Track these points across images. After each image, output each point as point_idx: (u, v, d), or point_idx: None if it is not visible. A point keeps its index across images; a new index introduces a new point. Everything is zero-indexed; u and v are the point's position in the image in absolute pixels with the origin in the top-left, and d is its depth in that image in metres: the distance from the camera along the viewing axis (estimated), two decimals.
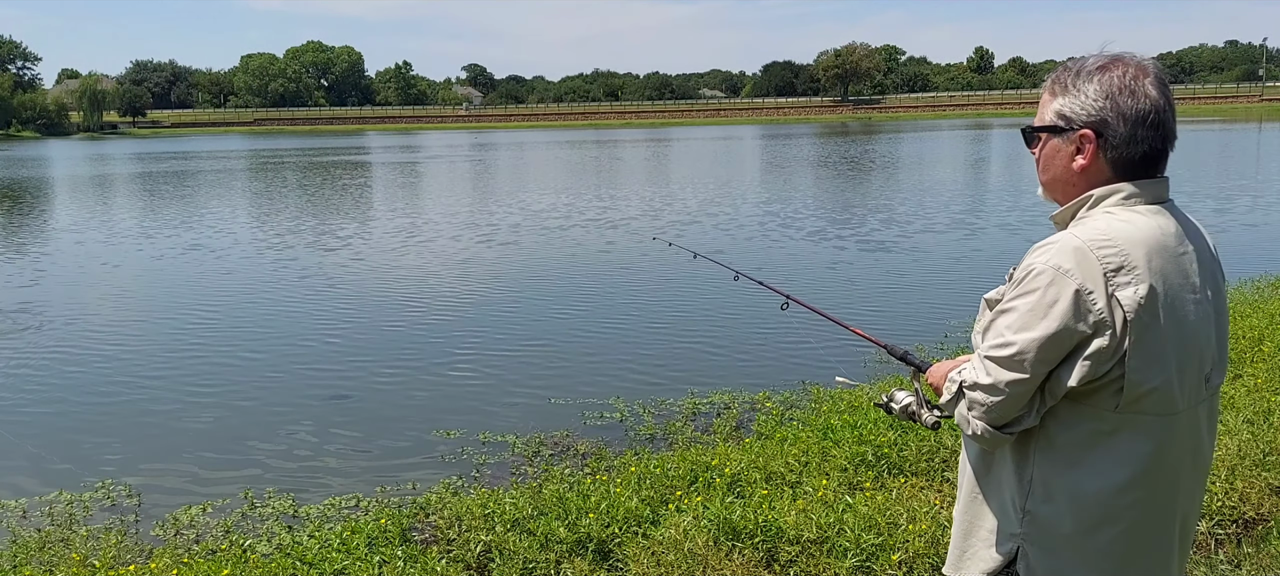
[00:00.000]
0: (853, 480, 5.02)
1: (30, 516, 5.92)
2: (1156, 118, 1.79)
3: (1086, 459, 1.80)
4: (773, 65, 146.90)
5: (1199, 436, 1.86)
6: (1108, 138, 1.80)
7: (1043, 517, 1.85)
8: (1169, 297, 1.74)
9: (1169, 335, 1.74)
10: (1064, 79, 1.87)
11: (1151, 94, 1.79)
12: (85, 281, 14.56)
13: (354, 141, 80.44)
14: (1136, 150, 1.80)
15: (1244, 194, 22.84)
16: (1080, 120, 1.83)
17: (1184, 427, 1.81)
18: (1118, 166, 1.82)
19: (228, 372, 9.23)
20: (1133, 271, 1.72)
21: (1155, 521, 1.84)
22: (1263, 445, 5.04)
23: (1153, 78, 1.80)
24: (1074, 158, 1.85)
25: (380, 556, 4.36)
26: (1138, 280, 1.71)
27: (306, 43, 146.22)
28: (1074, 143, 1.85)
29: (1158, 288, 1.73)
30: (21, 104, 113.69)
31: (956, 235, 17.41)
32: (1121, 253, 1.73)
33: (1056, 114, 1.87)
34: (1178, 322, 1.76)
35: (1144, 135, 1.79)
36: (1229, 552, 4.30)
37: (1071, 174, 1.86)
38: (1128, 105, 1.78)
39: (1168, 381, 1.75)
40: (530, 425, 7.33)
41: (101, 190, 33.55)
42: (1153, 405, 1.76)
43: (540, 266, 15.13)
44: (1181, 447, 1.82)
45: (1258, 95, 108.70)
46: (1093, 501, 1.80)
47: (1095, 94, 1.81)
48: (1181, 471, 1.84)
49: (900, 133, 71.22)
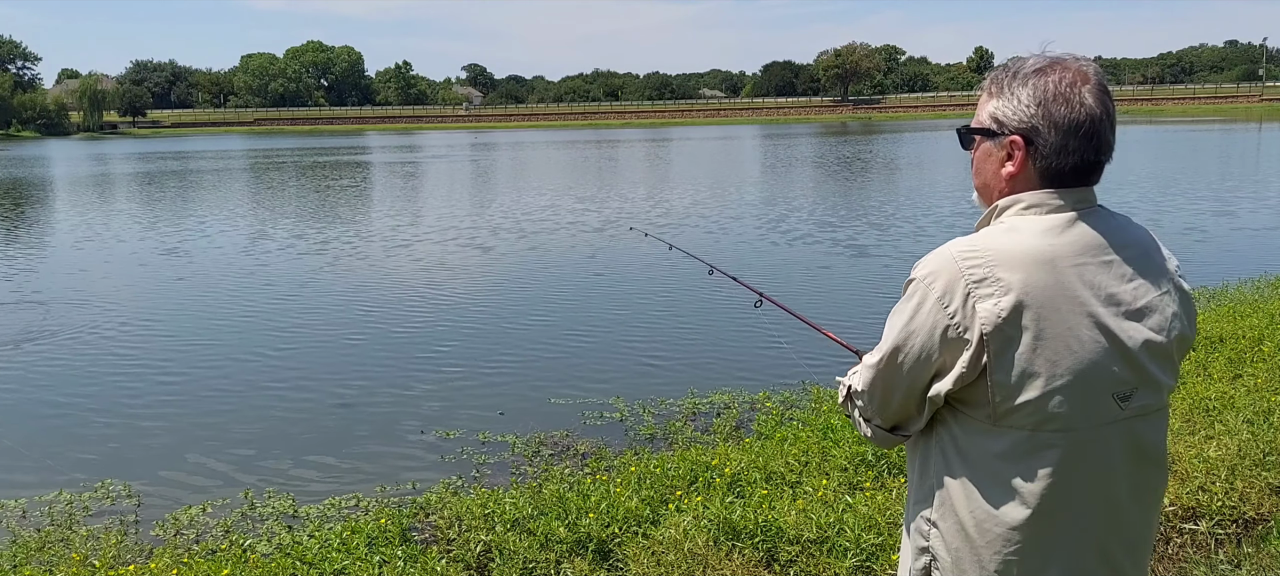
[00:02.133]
0: (853, 480, 5.02)
1: (30, 516, 5.92)
2: (1091, 128, 1.69)
3: (976, 473, 1.73)
4: (773, 65, 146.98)
5: (1110, 459, 1.72)
6: (1037, 146, 1.72)
7: (944, 531, 1.79)
8: (1044, 312, 1.65)
9: (1044, 350, 1.65)
10: (1001, 80, 1.78)
11: (1088, 103, 1.69)
12: (84, 281, 14.55)
13: (354, 141, 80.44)
14: (1067, 161, 1.70)
15: (1243, 194, 22.83)
16: (1011, 125, 1.74)
17: (1087, 449, 1.70)
18: (1046, 176, 1.73)
19: (228, 372, 9.23)
20: (996, 283, 1.64)
21: (1061, 542, 1.73)
22: (1263, 445, 5.04)
23: (1092, 85, 1.70)
24: (1004, 164, 1.77)
25: (380, 556, 4.36)
26: (1000, 292, 1.64)
27: (306, 43, 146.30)
28: (1005, 148, 1.77)
29: (1026, 301, 1.64)
30: (21, 104, 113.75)
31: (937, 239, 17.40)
32: (988, 264, 1.66)
33: (990, 116, 1.79)
34: (1058, 338, 1.65)
35: (1076, 146, 1.69)
36: (1229, 552, 4.29)
37: (1000, 180, 1.78)
38: (1061, 114, 1.69)
39: (1044, 397, 1.65)
40: (530, 425, 7.33)
41: (101, 190, 33.54)
42: (1030, 420, 1.67)
43: (540, 266, 15.12)
44: (1085, 470, 1.71)
45: (1258, 95, 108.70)
46: (986, 517, 1.72)
47: (1028, 99, 1.72)
48: (1090, 494, 1.72)
49: (900, 133, 71.24)
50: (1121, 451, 1.73)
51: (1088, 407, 1.68)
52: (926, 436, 1.83)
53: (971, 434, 1.73)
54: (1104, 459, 1.71)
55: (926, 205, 22.36)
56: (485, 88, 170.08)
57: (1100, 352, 1.67)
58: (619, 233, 18.51)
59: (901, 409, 1.82)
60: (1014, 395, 1.66)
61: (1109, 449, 1.72)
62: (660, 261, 14.94)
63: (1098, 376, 1.67)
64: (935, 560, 1.81)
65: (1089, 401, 1.68)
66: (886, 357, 1.78)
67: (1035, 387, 1.65)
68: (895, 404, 1.81)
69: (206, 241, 18.53)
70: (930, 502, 1.81)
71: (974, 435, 1.72)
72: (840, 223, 19.33)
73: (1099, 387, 1.68)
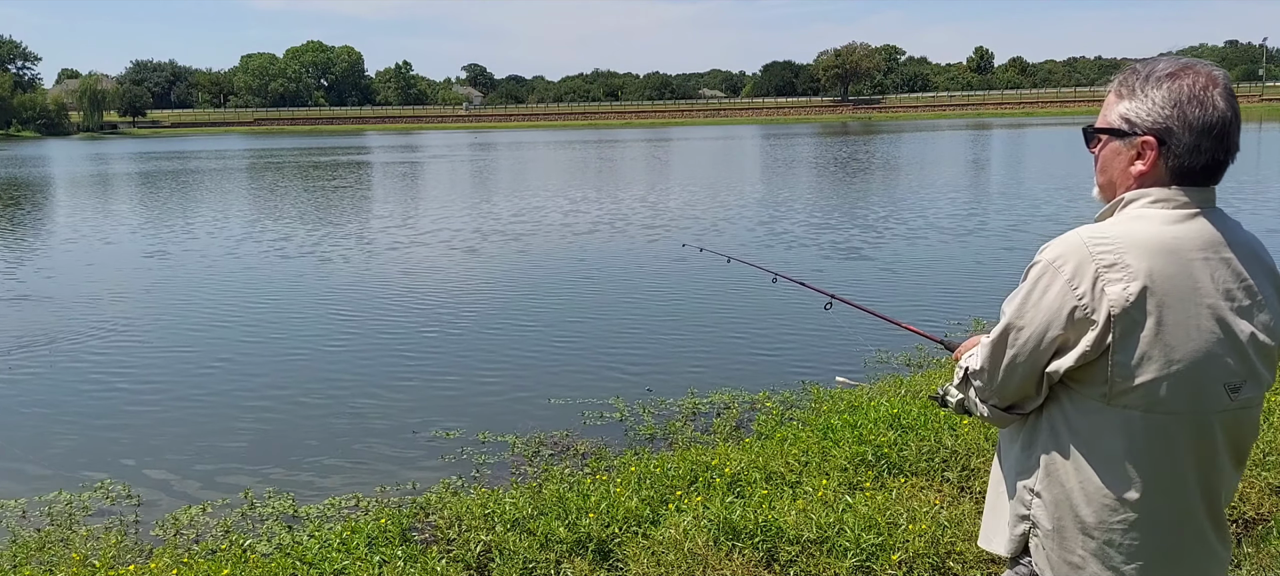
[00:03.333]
0: (853, 480, 5.02)
1: (30, 516, 5.92)
2: (1222, 129, 1.79)
3: (1086, 448, 1.84)
4: (773, 65, 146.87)
5: (1216, 444, 1.83)
6: (1171, 146, 1.80)
7: (1048, 502, 1.90)
8: (1167, 299, 1.74)
9: (1164, 335, 1.75)
10: (1132, 82, 1.86)
11: (1219, 105, 1.78)
12: (83, 281, 14.54)
13: (354, 141, 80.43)
14: (1198, 160, 1.80)
15: (1244, 195, 22.80)
16: (1144, 126, 1.82)
17: (1196, 433, 1.80)
18: (1177, 175, 1.82)
19: (227, 372, 9.23)
20: (1125, 269, 1.74)
21: (1163, 518, 1.83)
22: (1263, 445, 5.04)
23: (1222, 89, 1.79)
24: (1134, 162, 1.85)
25: (380, 556, 4.36)
26: (1129, 277, 1.73)
27: (306, 43, 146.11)
28: (1135, 148, 1.84)
29: (1151, 287, 1.74)
30: (21, 104, 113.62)
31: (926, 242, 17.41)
32: (1116, 250, 1.75)
33: (1121, 117, 1.86)
34: (1179, 326, 1.75)
35: (1208, 146, 1.78)
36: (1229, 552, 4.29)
37: (1128, 178, 1.86)
38: (1195, 115, 1.77)
39: (1160, 380, 1.76)
40: (530, 425, 7.33)
41: (101, 190, 33.56)
42: (1144, 401, 1.77)
43: (540, 266, 15.12)
44: (1193, 453, 1.81)
45: (1258, 95, 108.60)
46: (1095, 491, 1.83)
47: (1163, 101, 1.80)
48: (1195, 476, 1.83)
49: (900, 133, 71.22)
50: (1225, 439, 1.84)
51: (1200, 394, 1.79)
52: (1036, 413, 1.92)
53: (1085, 412, 1.83)
54: (1210, 444, 1.83)
55: (920, 205, 22.36)
56: (485, 88, 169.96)
57: (1216, 343, 1.78)
58: (619, 232, 18.51)
59: (1021, 388, 1.90)
60: (1132, 376, 1.76)
61: (1215, 435, 1.82)
62: (660, 261, 14.95)
63: (1212, 366, 1.78)
64: (1036, 526, 1.92)
65: (1202, 388, 1.78)
66: (1010, 336, 1.86)
67: (1152, 370, 1.76)
68: (1016, 382, 1.89)
69: (206, 241, 18.52)
70: (1033, 474, 1.92)
71: (1087, 413, 1.83)
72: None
73: (1213, 376, 1.78)
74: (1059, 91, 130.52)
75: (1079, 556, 1.87)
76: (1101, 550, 1.85)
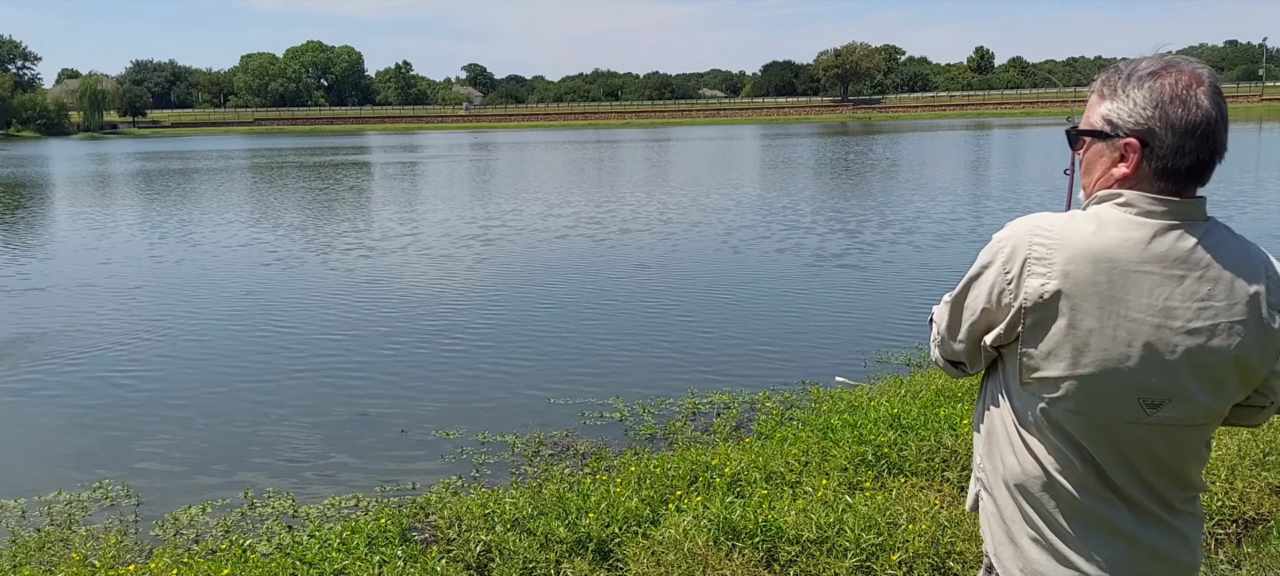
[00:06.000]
0: (853, 480, 5.02)
1: (30, 516, 5.92)
2: (1207, 129, 1.72)
3: (1010, 417, 1.90)
4: (773, 65, 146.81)
5: (1120, 451, 1.80)
6: (1154, 148, 1.75)
7: (986, 462, 1.99)
8: (1083, 305, 1.72)
9: (1074, 338, 1.74)
10: (1114, 82, 1.81)
11: (1203, 105, 1.72)
12: (83, 280, 14.54)
13: (354, 141, 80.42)
14: (1183, 162, 1.74)
15: (1244, 194, 22.81)
16: (1126, 127, 1.77)
17: (1098, 437, 1.80)
18: (1161, 177, 1.76)
19: (227, 372, 9.23)
20: (1048, 266, 1.74)
21: (1066, 503, 1.85)
22: (1263, 445, 5.04)
23: (1207, 87, 1.73)
24: (1116, 164, 1.80)
25: (380, 556, 4.36)
26: (1048, 275, 1.74)
27: (306, 43, 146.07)
28: (1118, 150, 1.79)
29: (1066, 290, 1.73)
30: (21, 104, 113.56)
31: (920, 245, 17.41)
32: (1050, 245, 1.75)
33: (1103, 118, 1.82)
34: (1093, 332, 1.73)
35: (1192, 147, 1.72)
36: (1229, 552, 4.30)
37: (1111, 181, 1.81)
38: (1177, 115, 1.72)
39: (1062, 379, 1.77)
40: (530, 425, 7.34)
41: (101, 189, 33.55)
42: (1046, 392, 1.80)
43: (540, 266, 15.12)
44: (1096, 454, 1.81)
45: (1258, 95, 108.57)
46: (1012, 459, 1.89)
47: (1144, 101, 1.75)
48: (1096, 476, 1.82)
49: (900, 133, 71.23)
50: (1138, 451, 1.82)
51: (1106, 402, 1.78)
52: (989, 374, 2.00)
53: (1012, 382, 1.89)
54: (1115, 449, 1.82)
55: (914, 209, 22.37)
56: (485, 88, 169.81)
57: (1134, 357, 1.75)
58: (618, 234, 18.51)
59: (966, 350, 1.98)
60: (1037, 368, 1.80)
61: (1121, 443, 1.81)
62: (661, 262, 14.95)
63: (1124, 378, 1.76)
64: (984, 485, 2.01)
65: (1109, 397, 1.77)
66: (954, 300, 1.97)
67: (1056, 368, 1.78)
68: (957, 343, 1.99)
69: (206, 241, 18.52)
70: (981, 431, 2.02)
71: (1010, 387, 1.90)
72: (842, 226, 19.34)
73: (1122, 388, 1.76)
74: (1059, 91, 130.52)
75: (1009, 514, 1.93)
76: (1026, 512, 1.90)
